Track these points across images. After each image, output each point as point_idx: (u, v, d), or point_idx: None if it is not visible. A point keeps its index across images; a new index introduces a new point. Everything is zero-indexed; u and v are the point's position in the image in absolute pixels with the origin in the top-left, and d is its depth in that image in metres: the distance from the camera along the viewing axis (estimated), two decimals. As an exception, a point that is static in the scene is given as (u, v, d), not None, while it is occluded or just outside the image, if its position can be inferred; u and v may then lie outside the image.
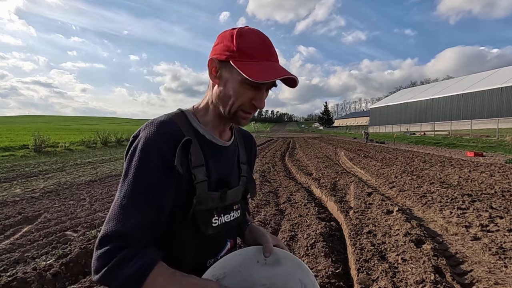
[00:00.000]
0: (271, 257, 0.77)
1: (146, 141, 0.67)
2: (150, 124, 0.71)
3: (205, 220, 0.74)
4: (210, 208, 0.75)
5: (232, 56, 0.71)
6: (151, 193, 0.66)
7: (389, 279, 2.37)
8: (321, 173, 8.00)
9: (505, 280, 2.42)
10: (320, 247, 3.03)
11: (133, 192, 0.65)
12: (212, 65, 0.75)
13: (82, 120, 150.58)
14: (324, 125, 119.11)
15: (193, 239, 0.74)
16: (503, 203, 4.68)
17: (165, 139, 0.69)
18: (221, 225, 0.78)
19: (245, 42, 0.71)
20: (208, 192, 0.74)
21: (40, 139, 15.23)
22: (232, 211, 0.82)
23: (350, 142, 26.00)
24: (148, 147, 0.67)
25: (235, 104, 0.73)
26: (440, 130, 31.76)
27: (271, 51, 0.75)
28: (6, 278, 2.46)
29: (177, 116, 0.76)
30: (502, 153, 13.95)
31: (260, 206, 4.93)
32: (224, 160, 0.82)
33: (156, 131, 0.69)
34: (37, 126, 51.42)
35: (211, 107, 0.79)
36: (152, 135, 0.68)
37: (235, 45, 0.71)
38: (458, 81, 46.01)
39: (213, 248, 0.80)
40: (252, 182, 0.94)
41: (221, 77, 0.74)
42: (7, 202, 5.10)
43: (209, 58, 0.76)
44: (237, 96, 0.72)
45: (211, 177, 0.76)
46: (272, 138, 36.89)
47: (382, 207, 4.44)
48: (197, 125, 0.78)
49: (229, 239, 0.85)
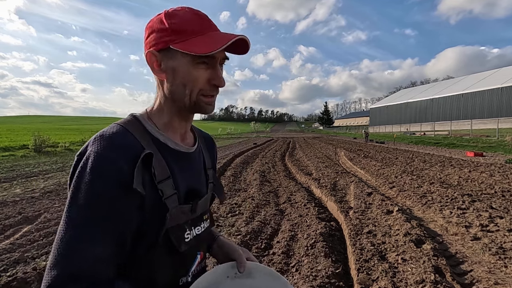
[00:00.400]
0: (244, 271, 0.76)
1: (97, 158, 0.56)
2: (100, 138, 0.60)
3: (178, 236, 0.66)
4: (182, 222, 0.67)
5: (170, 39, 0.63)
6: (109, 220, 0.56)
7: (389, 279, 2.37)
8: (321, 173, 8.00)
9: (505, 280, 2.42)
10: (320, 247, 3.03)
11: (86, 221, 0.54)
12: (152, 59, 0.66)
13: (82, 120, 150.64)
14: (324, 125, 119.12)
15: (165, 259, 0.66)
16: (503, 203, 4.68)
17: (121, 154, 0.58)
18: (193, 239, 0.71)
19: (178, 20, 0.64)
20: (179, 206, 0.66)
21: (40, 139, 15.23)
22: (202, 221, 0.75)
23: (350, 142, 26.00)
24: (101, 165, 0.56)
25: (194, 90, 0.65)
26: (440, 130, 31.75)
27: (208, 21, 0.67)
28: (6, 278, 2.46)
29: (131, 124, 0.66)
30: (502, 153, 13.95)
31: (260, 206, 4.93)
32: (191, 168, 0.74)
33: (108, 145, 0.58)
34: (37, 126, 51.43)
35: (166, 106, 0.70)
36: (103, 151, 0.57)
37: (169, 27, 0.63)
38: (458, 81, 46.01)
39: (185, 264, 0.73)
40: (220, 187, 0.88)
41: (166, 69, 0.66)
42: (7, 202, 5.10)
43: (145, 54, 0.67)
44: (191, 81, 0.65)
45: (180, 189, 0.68)
46: (272, 138, 36.88)
47: (382, 207, 4.44)
48: (156, 132, 0.68)
49: (199, 251, 0.78)
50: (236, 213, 4.59)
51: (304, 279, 2.47)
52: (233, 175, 7.98)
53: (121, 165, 0.57)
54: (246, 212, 4.57)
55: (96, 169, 0.56)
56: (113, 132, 0.61)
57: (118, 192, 0.57)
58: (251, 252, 3.13)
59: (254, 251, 3.14)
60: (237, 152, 15.08)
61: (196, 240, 0.73)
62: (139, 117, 0.69)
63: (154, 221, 0.62)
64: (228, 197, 5.66)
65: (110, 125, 0.64)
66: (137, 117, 0.69)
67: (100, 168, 0.56)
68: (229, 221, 4.19)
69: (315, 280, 2.43)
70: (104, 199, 0.56)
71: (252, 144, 23.04)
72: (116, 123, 0.65)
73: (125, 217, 0.58)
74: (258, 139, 35.38)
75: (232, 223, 4.09)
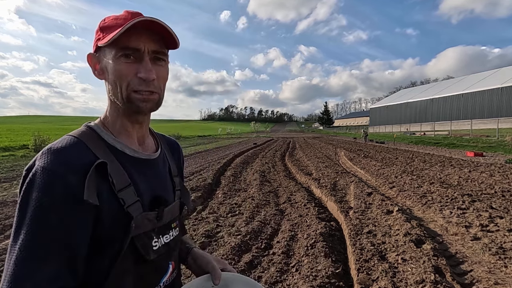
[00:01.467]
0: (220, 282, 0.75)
1: (44, 172, 0.55)
2: (47, 152, 0.57)
3: (145, 244, 0.64)
4: (148, 230, 0.66)
5: (98, 39, 0.65)
6: (59, 236, 0.54)
7: (389, 279, 2.37)
8: (321, 173, 8.00)
9: (505, 280, 2.42)
10: (320, 247, 3.03)
11: (34, 239, 0.52)
12: (92, 62, 0.68)
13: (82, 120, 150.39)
14: (324, 125, 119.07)
15: (133, 270, 0.64)
16: (503, 203, 4.68)
17: (69, 167, 0.56)
18: (161, 247, 0.69)
19: (108, 19, 0.66)
20: (144, 213, 0.65)
21: (40, 139, 15.24)
22: (170, 230, 0.73)
23: (350, 142, 26.00)
24: (47, 180, 0.54)
25: (122, 86, 0.63)
26: (440, 130, 31.75)
27: (137, 14, 0.66)
28: (6, 278, 2.46)
29: (84, 135, 0.64)
30: (502, 153, 13.95)
31: (260, 206, 4.93)
32: (155, 175, 0.72)
33: (56, 158, 0.56)
34: (37, 126, 51.44)
35: (112, 109, 0.69)
36: (51, 164, 0.55)
37: (99, 27, 0.66)
38: (458, 81, 46.02)
39: (156, 275, 0.70)
40: (186, 195, 0.86)
41: (101, 69, 0.66)
42: (7, 202, 5.10)
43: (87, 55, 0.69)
44: (118, 76, 0.63)
45: (143, 196, 0.66)
46: (272, 138, 36.89)
47: (382, 207, 4.44)
48: (113, 140, 0.66)
49: (170, 261, 0.75)
50: (236, 213, 4.60)
51: (304, 279, 2.47)
52: (233, 175, 7.99)
53: (69, 179, 0.55)
54: (246, 212, 4.57)
55: (42, 185, 0.54)
56: (62, 145, 0.59)
57: (67, 207, 0.55)
58: (251, 252, 3.13)
59: (254, 251, 3.14)
60: (237, 152, 15.08)
61: (165, 249, 0.71)
62: (94, 126, 0.67)
63: (118, 230, 0.61)
64: (228, 197, 5.67)
65: (62, 137, 0.62)
66: (91, 126, 0.67)
67: (47, 184, 0.54)
68: (229, 221, 4.19)
69: (315, 280, 2.43)
70: (52, 216, 0.54)
71: (252, 144, 23.04)
72: (68, 134, 0.63)
73: (77, 232, 0.56)
74: (258, 139, 35.39)
75: (232, 223, 4.09)
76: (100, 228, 0.59)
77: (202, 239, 3.44)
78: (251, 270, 2.75)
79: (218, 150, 18.07)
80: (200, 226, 3.92)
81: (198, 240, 3.41)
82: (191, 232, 3.70)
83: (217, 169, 8.68)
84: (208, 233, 3.66)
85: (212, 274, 0.75)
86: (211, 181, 6.92)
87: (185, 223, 4.11)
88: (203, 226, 3.93)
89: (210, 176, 7.40)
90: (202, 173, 8.19)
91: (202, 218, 4.30)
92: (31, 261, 0.52)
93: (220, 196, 5.71)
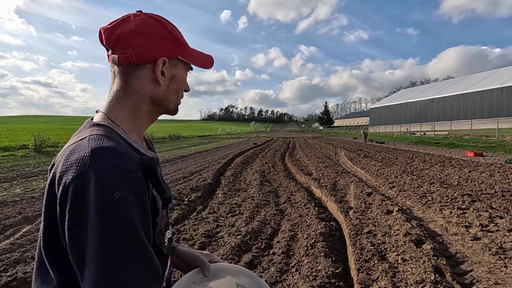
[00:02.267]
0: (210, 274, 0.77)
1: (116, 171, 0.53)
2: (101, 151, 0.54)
3: (161, 241, 0.67)
4: (163, 227, 0.69)
5: (179, 51, 0.70)
6: (148, 231, 0.57)
7: (389, 279, 2.37)
8: (321, 173, 8.00)
9: (505, 280, 2.42)
10: (320, 247, 3.03)
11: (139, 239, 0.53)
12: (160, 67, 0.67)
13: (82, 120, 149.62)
14: (324, 125, 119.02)
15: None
16: (503, 203, 4.68)
17: (134, 163, 0.57)
18: (168, 242, 0.72)
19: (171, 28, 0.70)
20: (163, 210, 0.67)
21: (40, 139, 15.25)
22: (169, 225, 0.76)
23: (350, 142, 26.00)
24: (126, 175, 0.53)
25: (180, 95, 0.74)
26: (440, 130, 31.75)
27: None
28: (6, 278, 2.46)
29: (109, 132, 0.62)
30: (502, 153, 13.95)
31: (260, 206, 4.93)
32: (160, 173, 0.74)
33: (119, 157, 0.55)
34: (37, 126, 51.41)
35: (143, 111, 0.69)
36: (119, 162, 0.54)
37: (172, 37, 0.69)
38: (458, 81, 46.02)
39: (163, 269, 0.72)
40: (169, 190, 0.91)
41: (164, 75, 0.69)
42: (7, 202, 5.10)
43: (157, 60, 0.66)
44: (182, 88, 0.74)
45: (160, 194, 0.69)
46: (272, 138, 36.88)
47: (382, 207, 4.44)
48: (129, 139, 0.66)
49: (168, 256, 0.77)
50: (236, 213, 4.59)
51: (304, 279, 2.47)
52: (233, 175, 7.99)
53: (139, 174, 0.56)
54: (246, 212, 4.57)
55: (124, 182, 0.52)
56: (110, 144, 0.57)
57: (146, 201, 0.57)
58: (251, 252, 3.13)
59: (254, 251, 3.14)
60: (237, 152, 15.08)
61: (169, 244, 0.74)
62: (108, 124, 0.65)
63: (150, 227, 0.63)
64: (229, 197, 5.66)
65: (93, 137, 0.58)
66: (106, 125, 0.64)
67: (127, 180, 0.53)
68: (229, 221, 4.19)
69: (315, 280, 2.43)
70: (141, 211, 0.54)
71: (252, 144, 23.04)
72: (96, 134, 0.59)
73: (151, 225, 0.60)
74: (258, 139, 35.38)
75: (232, 223, 4.09)
76: None
77: (202, 239, 3.44)
78: (251, 270, 2.75)
79: (218, 150, 18.07)
80: (200, 226, 3.92)
81: (198, 240, 3.41)
82: (191, 232, 3.70)
83: (217, 169, 8.68)
84: (208, 233, 3.66)
85: (201, 268, 0.77)
86: (211, 181, 6.92)
87: (185, 223, 4.11)
88: (203, 226, 3.93)
89: (210, 176, 7.40)
90: (202, 173, 8.19)
91: (202, 218, 4.29)
92: (145, 255, 0.54)
93: (220, 196, 5.71)
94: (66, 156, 0.56)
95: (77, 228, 0.50)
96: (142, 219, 0.55)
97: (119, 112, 0.67)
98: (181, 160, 12.19)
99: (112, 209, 0.50)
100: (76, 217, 0.50)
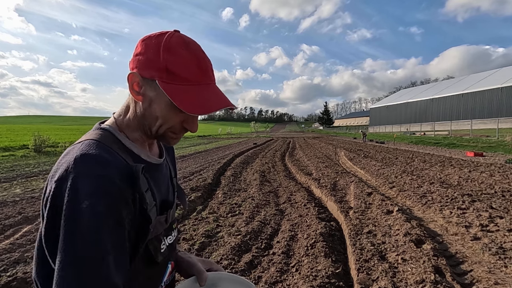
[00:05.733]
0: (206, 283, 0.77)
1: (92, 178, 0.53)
2: (83, 157, 0.55)
3: (156, 247, 0.67)
4: (159, 234, 0.68)
5: (159, 76, 0.60)
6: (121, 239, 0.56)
7: (389, 279, 2.37)
8: (321, 173, 8.00)
9: (505, 280, 2.42)
10: (320, 247, 3.03)
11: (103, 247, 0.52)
12: (134, 79, 0.63)
13: (82, 120, 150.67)
14: (324, 125, 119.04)
15: (142, 272, 0.66)
16: (503, 203, 4.68)
17: (112, 170, 0.56)
18: (167, 248, 0.72)
19: (175, 59, 0.60)
20: (158, 217, 0.66)
21: (40, 139, 15.22)
22: (172, 230, 0.76)
23: (350, 142, 25.99)
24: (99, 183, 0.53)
25: (163, 126, 0.64)
26: (440, 130, 31.74)
27: (207, 70, 0.64)
28: (6, 278, 2.46)
29: (105, 138, 0.63)
30: (502, 153, 13.94)
31: (260, 206, 4.93)
32: (162, 179, 0.75)
33: (97, 163, 0.55)
34: (37, 126, 51.44)
35: (135, 123, 0.68)
36: (96, 170, 0.54)
37: (162, 63, 0.60)
38: (458, 81, 46.01)
39: (159, 275, 0.73)
40: (182, 195, 0.88)
41: (144, 95, 0.63)
42: (7, 202, 5.10)
43: (130, 72, 0.63)
44: (165, 119, 0.63)
45: (157, 200, 0.68)
46: (272, 138, 36.88)
47: (382, 207, 4.44)
48: (130, 144, 0.67)
49: (170, 261, 0.77)
50: (236, 213, 4.59)
51: (304, 279, 2.47)
52: (233, 175, 7.99)
53: (116, 181, 0.55)
54: (246, 212, 4.57)
55: (95, 190, 0.53)
56: (95, 150, 0.57)
57: (122, 208, 0.56)
58: (251, 252, 3.13)
59: (254, 251, 3.14)
60: (237, 152, 15.08)
61: (169, 250, 0.74)
62: (109, 128, 0.66)
63: (138, 233, 0.62)
64: (229, 197, 5.66)
65: (85, 142, 0.59)
66: (107, 129, 0.66)
67: (99, 188, 0.53)
68: (229, 221, 4.19)
69: (315, 280, 2.43)
70: (113, 218, 0.54)
71: (252, 144, 23.04)
72: (91, 139, 0.61)
73: (128, 231, 0.58)
74: (258, 139, 35.38)
75: (232, 223, 4.09)
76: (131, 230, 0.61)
77: (202, 239, 3.44)
78: (251, 270, 2.75)
79: (218, 150, 18.07)
80: (200, 226, 3.92)
81: (198, 240, 3.41)
82: (191, 232, 3.70)
83: (217, 169, 8.68)
84: (208, 233, 3.66)
85: (197, 277, 0.77)
86: (211, 181, 6.92)
87: (185, 223, 4.11)
88: (203, 226, 3.93)
89: (210, 176, 7.40)
90: (202, 173, 8.19)
91: (202, 218, 4.29)
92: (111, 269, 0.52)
93: (220, 196, 5.71)
94: (61, 157, 0.60)
95: (50, 226, 0.54)
96: (114, 227, 0.54)
97: (126, 117, 0.69)
98: (181, 160, 12.18)
99: (77, 218, 0.51)
100: (50, 214, 0.54)
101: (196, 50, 0.64)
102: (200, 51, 0.65)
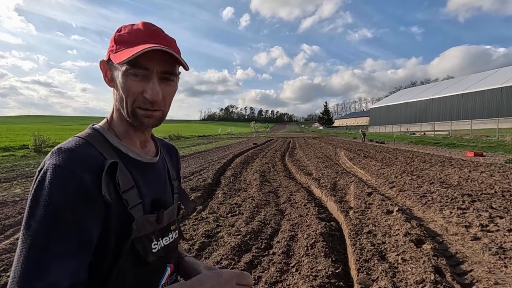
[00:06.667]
0: None
1: (57, 170, 0.55)
2: (58, 151, 0.58)
3: (145, 246, 0.66)
4: (149, 233, 0.67)
5: (112, 50, 0.66)
6: (75, 233, 0.54)
7: (389, 279, 2.37)
8: (321, 173, 8.00)
9: (505, 280, 2.42)
10: (320, 247, 3.03)
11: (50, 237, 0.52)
12: (104, 68, 0.69)
13: (82, 120, 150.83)
14: (324, 125, 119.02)
15: (132, 271, 0.65)
16: (503, 203, 4.68)
17: (82, 165, 0.57)
18: (161, 249, 0.71)
19: (123, 31, 0.67)
20: (144, 216, 0.66)
21: (40, 139, 15.23)
22: (170, 232, 0.75)
23: (350, 142, 25.99)
24: (60, 177, 0.55)
25: (128, 101, 0.65)
26: (440, 130, 31.74)
27: (152, 34, 0.66)
28: (6, 278, 2.46)
29: (92, 137, 0.65)
30: (502, 153, 13.94)
31: (260, 206, 4.93)
32: (155, 178, 0.75)
33: (67, 157, 0.57)
34: (37, 126, 51.46)
35: (117, 116, 0.71)
36: (63, 162, 0.56)
37: (113, 38, 0.67)
38: (458, 81, 46.02)
39: (154, 277, 0.72)
40: (185, 197, 0.89)
41: (112, 79, 0.68)
42: (7, 202, 5.10)
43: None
44: (126, 91, 0.64)
45: (144, 199, 0.68)
46: (272, 138, 36.88)
47: (382, 207, 4.44)
48: (118, 143, 0.68)
49: (168, 264, 0.77)
50: (236, 213, 4.59)
51: (304, 279, 2.47)
52: (233, 175, 7.99)
53: (83, 176, 0.56)
54: (246, 212, 4.57)
55: (56, 182, 0.54)
56: (71, 145, 0.60)
57: (82, 204, 0.56)
58: (251, 252, 3.12)
59: (254, 251, 3.14)
60: (237, 152, 15.08)
61: (165, 251, 0.72)
62: (99, 128, 0.69)
63: (120, 231, 0.62)
64: (228, 196, 5.67)
65: (69, 139, 0.63)
66: (96, 128, 0.69)
67: (59, 180, 0.55)
68: (229, 221, 4.19)
69: (315, 280, 2.43)
70: (67, 212, 0.54)
71: (252, 144, 23.03)
72: (75, 136, 0.65)
73: (91, 229, 0.57)
74: (258, 139, 35.38)
75: (232, 223, 4.09)
76: (105, 228, 0.60)
77: (202, 239, 3.44)
78: (251, 270, 2.75)
79: (218, 150, 18.07)
80: (200, 226, 3.92)
81: (198, 240, 3.41)
82: (191, 232, 3.71)
83: (217, 169, 8.68)
84: (208, 233, 3.66)
85: None
86: (211, 181, 6.92)
87: (185, 223, 4.11)
88: (203, 226, 3.93)
89: (210, 176, 7.40)
90: (202, 173, 8.19)
91: (202, 218, 4.29)
92: (46, 257, 0.51)
93: (220, 196, 5.71)
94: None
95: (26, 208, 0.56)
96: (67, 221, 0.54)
97: (112, 117, 0.72)
98: (181, 160, 12.17)
99: (36, 204, 0.54)
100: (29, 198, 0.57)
101: (147, 23, 0.68)
102: (151, 24, 0.68)
